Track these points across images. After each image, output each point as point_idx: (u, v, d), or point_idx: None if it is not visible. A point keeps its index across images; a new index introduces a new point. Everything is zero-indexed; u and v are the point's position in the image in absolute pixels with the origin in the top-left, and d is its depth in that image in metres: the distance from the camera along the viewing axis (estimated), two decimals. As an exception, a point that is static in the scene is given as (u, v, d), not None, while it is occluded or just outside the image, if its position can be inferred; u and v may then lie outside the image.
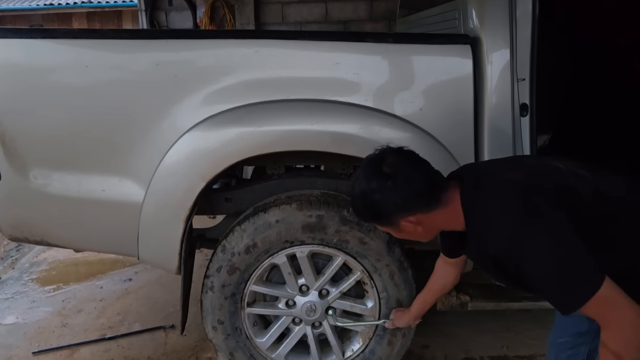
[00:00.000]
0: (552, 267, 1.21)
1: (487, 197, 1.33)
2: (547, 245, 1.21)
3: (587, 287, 1.19)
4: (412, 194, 1.37)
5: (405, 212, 1.39)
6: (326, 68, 1.88)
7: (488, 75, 1.90)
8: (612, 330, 1.20)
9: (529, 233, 1.23)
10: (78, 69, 1.85)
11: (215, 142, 1.85)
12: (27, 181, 1.92)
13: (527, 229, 1.23)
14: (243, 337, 2.06)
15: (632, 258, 1.33)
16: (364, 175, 1.42)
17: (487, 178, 1.39)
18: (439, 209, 1.39)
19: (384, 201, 1.39)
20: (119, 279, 3.41)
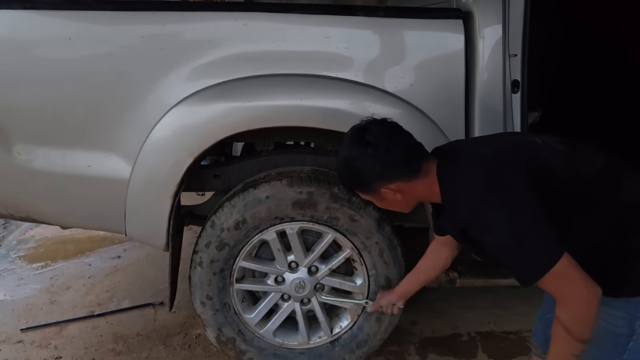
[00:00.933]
0: (511, 238, 1.24)
1: (459, 169, 1.37)
2: (507, 217, 1.24)
3: (545, 261, 1.22)
4: (392, 162, 1.42)
5: (385, 179, 1.43)
6: (316, 42, 1.85)
7: (480, 50, 1.87)
8: (564, 305, 1.26)
9: (491, 204, 1.26)
10: (61, 41, 1.80)
11: (202, 118, 1.82)
12: (10, 156, 1.88)
13: (490, 200, 1.27)
14: (231, 312, 2.06)
15: (599, 237, 1.36)
16: (348, 143, 1.48)
17: (462, 152, 1.42)
18: (418, 179, 1.44)
19: (364, 168, 1.44)
20: (107, 257, 3.40)
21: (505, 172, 1.30)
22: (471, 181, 1.33)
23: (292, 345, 2.14)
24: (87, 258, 3.38)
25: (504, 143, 1.45)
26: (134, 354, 2.40)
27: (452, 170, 1.39)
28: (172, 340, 2.50)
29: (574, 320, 1.25)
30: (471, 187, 1.32)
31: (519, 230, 1.23)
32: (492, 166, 1.32)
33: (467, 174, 1.34)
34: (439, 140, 1.88)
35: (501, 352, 2.40)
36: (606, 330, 1.39)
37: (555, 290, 1.26)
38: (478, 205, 1.28)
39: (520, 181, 1.28)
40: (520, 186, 1.27)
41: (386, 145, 1.43)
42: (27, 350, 2.42)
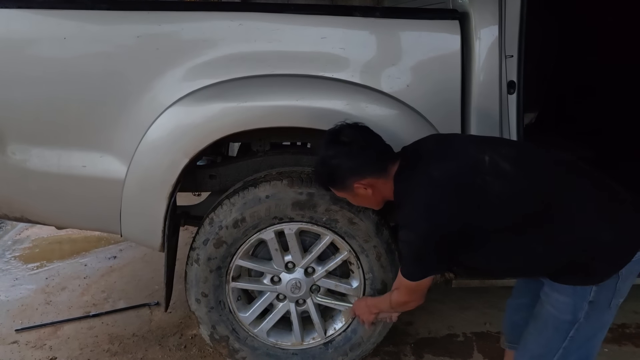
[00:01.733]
0: (412, 254, 1.56)
1: (411, 183, 1.54)
2: (417, 241, 1.51)
3: (417, 275, 1.59)
4: (365, 160, 1.59)
5: (358, 175, 1.60)
6: (312, 42, 1.84)
7: (476, 51, 1.87)
8: (403, 295, 1.72)
9: (417, 226, 1.50)
10: (55, 41, 1.79)
11: (198, 118, 1.82)
12: (4, 156, 1.87)
13: (418, 223, 1.50)
14: (226, 310, 2.06)
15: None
16: (325, 144, 1.64)
17: (420, 164, 1.56)
18: (385, 177, 1.60)
19: (340, 165, 1.61)
20: (103, 257, 3.39)
21: (442, 205, 1.47)
22: (415, 200, 1.51)
23: (286, 345, 2.13)
24: (82, 258, 3.37)
25: (457, 161, 1.54)
26: (130, 354, 2.39)
27: (405, 181, 1.57)
28: (167, 340, 2.49)
29: (399, 303, 1.77)
30: (413, 204, 1.52)
31: (419, 253, 1.54)
32: (434, 194, 1.48)
33: (415, 191, 1.52)
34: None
35: (497, 353, 2.39)
36: (550, 314, 1.52)
37: (406, 289, 1.67)
38: (410, 219, 1.52)
39: (449, 218, 1.46)
40: (445, 225, 1.47)
41: (359, 144, 1.60)
42: (22, 351, 2.41)
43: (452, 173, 1.49)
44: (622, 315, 2.60)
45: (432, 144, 1.64)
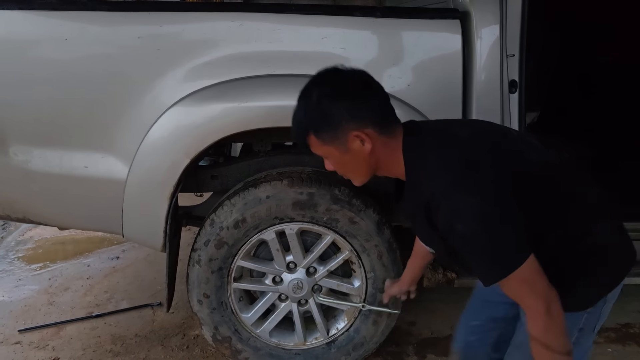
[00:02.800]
0: (481, 230, 1.13)
1: (431, 147, 1.26)
2: (481, 206, 1.13)
3: (513, 260, 1.13)
4: (370, 108, 1.24)
5: (360, 121, 1.23)
6: (313, 42, 1.85)
7: (477, 51, 1.87)
8: (532, 318, 1.17)
9: (466, 189, 1.15)
10: (57, 42, 1.79)
11: (199, 118, 1.82)
12: (7, 157, 1.87)
13: (465, 184, 1.16)
14: (228, 311, 2.06)
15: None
16: (322, 80, 1.29)
17: (434, 131, 1.32)
18: (387, 137, 1.26)
19: (338, 106, 1.23)
20: (106, 257, 3.39)
21: (483, 159, 1.20)
22: (445, 161, 1.21)
23: (288, 345, 2.13)
24: (85, 259, 3.38)
25: (479, 127, 1.36)
26: (132, 354, 2.40)
27: (422, 147, 1.26)
28: (170, 341, 2.49)
29: (548, 332, 1.15)
30: (444, 167, 1.20)
31: (491, 223, 1.13)
32: (470, 150, 1.22)
33: (441, 152, 1.23)
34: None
35: (500, 353, 2.39)
36: None
37: (518, 295, 1.17)
38: (451, 187, 1.16)
39: (497, 171, 1.19)
40: (497, 176, 1.17)
41: (365, 82, 1.29)
42: (25, 352, 2.42)
43: (480, 135, 1.29)
44: (625, 315, 2.59)
45: (435, 121, 1.45)
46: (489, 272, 1.17)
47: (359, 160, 1.28)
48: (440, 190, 1.17)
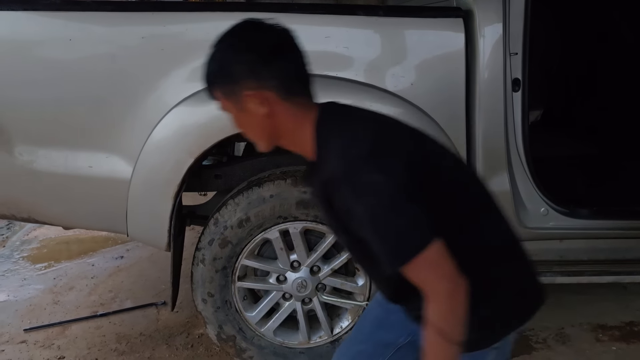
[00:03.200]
0: (386, 209, 1.06)
1: (343, 122, 1.19)
2: (386, 185, 1.07)
3: (419, 240, 1.05)
4: (278, 68, 1.14)
5: (258, 80, 1.13)
6: (316, 42, 1.83)
7: (480, 49, 1.88)
8: (434, 301, 1.07)
9: (373, 166, 1.08)
10: (62, 42, 1.80)
11: (203, 118, 1.82)
12: (12, 157, 1.88)
13: (371, 162, 1.09)
14: (233, 310, 2.07)
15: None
16: (233, 31, 1.20)
17: (348, 109, 1.26)
18: (294, 107, 1.17)
19: (241, 56, 1.15)
20: (110, 257, 3.41)
21: (392, 141, 1.17)
22: (354, 136, 1.14)
23: (293, 344, 2.14)
24: (90, 258, 3.39)
25: (402, 123, 1.29)
26: (137, 353, 2.41)
27: (335, 126, 1.18)
28: (174, 340, 2.51)
29: (446, 317, 1.07)
30: (353, 142, 1.12)
31: (395, 203, 1.06)
32: (384, 136, 1.17)
33: (353, 133, 1.15)
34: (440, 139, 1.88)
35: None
36: None
37: (423, 280, 1.07)
38: (356, 163, 1.08)
39: (408, 161, 1.12)
40: (408, 165, 1.11)
41: (280, 40, 1.17)
42: (31, 351, 2.43)
43: (393, 125, 1.26)
44: (629, 314, 2.58)
45: (362, 109, 1.33)
46: (395, 253, 1.07)
47: (255, 123, 1.20)
48: (345, 165, 1.09)
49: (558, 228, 2.11)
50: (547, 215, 2.08)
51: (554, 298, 2.75)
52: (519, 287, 1.25)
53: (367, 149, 1.10)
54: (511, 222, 1.27)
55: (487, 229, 1.23)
